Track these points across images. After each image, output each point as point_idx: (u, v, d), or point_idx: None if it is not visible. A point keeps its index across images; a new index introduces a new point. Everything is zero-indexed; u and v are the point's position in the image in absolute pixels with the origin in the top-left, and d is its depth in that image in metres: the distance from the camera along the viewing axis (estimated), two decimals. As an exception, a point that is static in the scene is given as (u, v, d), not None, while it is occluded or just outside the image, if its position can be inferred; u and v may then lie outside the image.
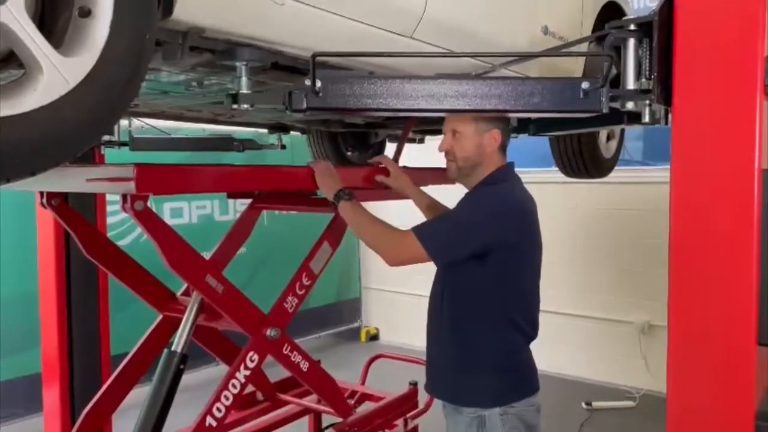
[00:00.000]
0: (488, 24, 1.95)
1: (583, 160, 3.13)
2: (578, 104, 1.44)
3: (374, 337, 6.22)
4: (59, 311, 2.68)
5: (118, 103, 1.03)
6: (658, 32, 1.36)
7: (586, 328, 4.91)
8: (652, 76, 1.39)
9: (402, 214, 2.38)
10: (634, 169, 4.57)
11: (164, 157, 2.82)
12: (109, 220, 3.11)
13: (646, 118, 1.48)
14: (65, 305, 2.69)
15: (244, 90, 1.44)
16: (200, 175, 1.73)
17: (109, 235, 2.87)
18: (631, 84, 1.42)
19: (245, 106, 1.46)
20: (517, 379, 1.90)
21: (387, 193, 2.22)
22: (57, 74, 0.93)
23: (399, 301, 5.96)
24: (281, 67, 1.59)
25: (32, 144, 0.94)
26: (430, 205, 2.24)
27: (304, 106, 1.41)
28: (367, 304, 6.34)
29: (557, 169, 3.38)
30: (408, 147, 2.69)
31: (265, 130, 3.10)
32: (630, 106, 1.46)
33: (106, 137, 2.59)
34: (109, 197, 2.89)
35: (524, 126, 2.80)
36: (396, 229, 1.85)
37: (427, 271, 1.94)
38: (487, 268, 1.83)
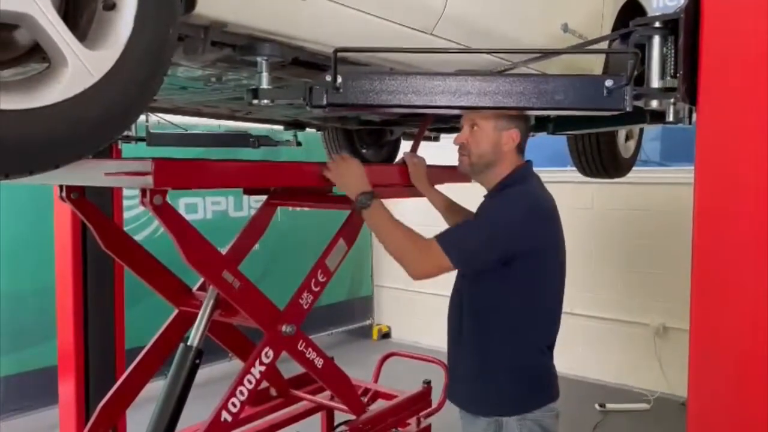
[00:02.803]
0: (508, 21, 1.93)
1: (601, 160, 3.10)
2: (602, 102, 1.43)
3: (386, 335, 6.22)
4: (75, 305, 2.70)
5: (142, 97, 1.03)
6: (684, 29, 1.34)
7: (601, 330, 4.87)
8: (677, 75, 1.37)
9: (419, 209, 2.37)
10: (650, 170, 4.54)
11: (180, 153, 2.84)
12: (125, 215, 3.13)
13: (670, 117, 1.46)
14: (81, 299, 2.72)
15: (265, 85, 1.44)
16: (218, 171, 1.72)
17: (124, 229, 2.89)
18: (655, 82, 1.40)
19: (265, 101, 1.46)
20: (535, 387, 1.87)
21: (410, 190, 2.22)
22: (82, 67, 0.93)
23: (411, 300, 5.95)
24: (301, 63, 1.59)
25: (56, 136, 0.94)
26: (448, 206, 2.22)
27: (325, 101, 1.40)
28: (379, 302, 6.34)
29: (571, 168, 3.35)
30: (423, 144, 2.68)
31: (281, 127, 3.10)
32: (654, 104, 1.44)
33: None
34: (126, 192, 2.91)
35: (543, 124, 2.77)
36: (420, 239, 1.76)
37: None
38: (508, 274, 1.79)
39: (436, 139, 3.38)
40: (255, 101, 1.45)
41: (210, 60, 1.45)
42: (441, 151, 3.00)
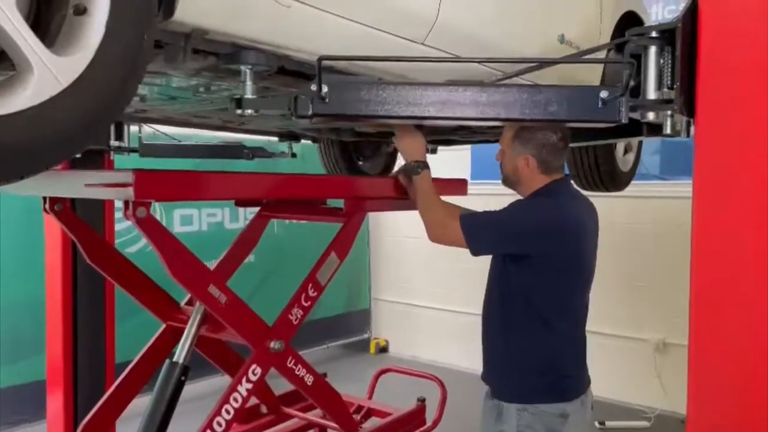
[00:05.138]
0: (503, 31, 1.89)
1: (599, 174, 3.05)
2: (596, 114, 1.39)
3: (384, 349, 6.14)
4: (65, 318, 2.66)
5: (113, 105, 0.99)
6: (681, 40, 1.30)
7: (600, 345, 4.76)
8: (675, 86, 1.33)
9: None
10: (650, 184, 4.48)
11: (174, 165, 2.80)
12: (118, 227, 3.09)
13: (667, 130, 1.42)
14: (71, 312, 2.67)
15: (249, 95, 1.40)
16: (202, 183, 1.68)
17: (117, 242, 2.85)
18: (652, 94, 1.36)
19: (249, 111, 1.42)
20: (543, 383, 1.91)
21: (406, 203, 2.18)
22: (48, 74, 0.89)
23: (410, 313, 5.89)
24: (288, 72, 1.55)
25: (22, 145, 0.90)
26: None
27: (310, 112, 1.36)
28: (377, 316, 6.27)
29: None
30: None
31: (275, 139, 3.07)
32: (650, 116, 1.40)
33: (116, 143, 2.57)
34: (117, 204, 2.87)
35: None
36: (449, 211, 1.97)
37: (439, 284, 1.92)
38: (530, 274, 1.91)
39: (434, 151, 3.34)
40: (239, 111, 1.41)
41: (193, 69, 1.41)
42: (438, 163, 2.97)
